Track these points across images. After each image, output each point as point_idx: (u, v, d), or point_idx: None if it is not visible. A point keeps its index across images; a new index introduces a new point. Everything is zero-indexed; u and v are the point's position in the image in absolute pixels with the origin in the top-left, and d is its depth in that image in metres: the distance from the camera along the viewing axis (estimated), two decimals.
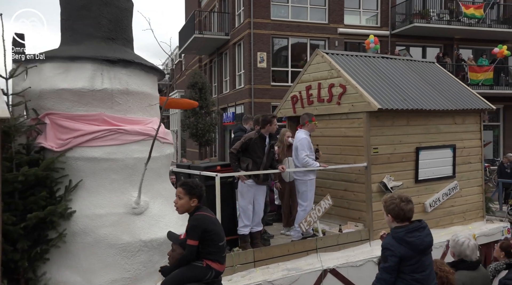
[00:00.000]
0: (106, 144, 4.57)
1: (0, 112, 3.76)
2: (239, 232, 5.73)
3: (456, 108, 7.37)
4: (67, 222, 4.36)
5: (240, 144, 5.61)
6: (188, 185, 3.76)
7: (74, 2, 4.89)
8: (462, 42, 22.14)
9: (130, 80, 4.82)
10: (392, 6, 21.12)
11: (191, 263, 3.63)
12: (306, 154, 6.00)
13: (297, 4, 20.14)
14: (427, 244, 3.53)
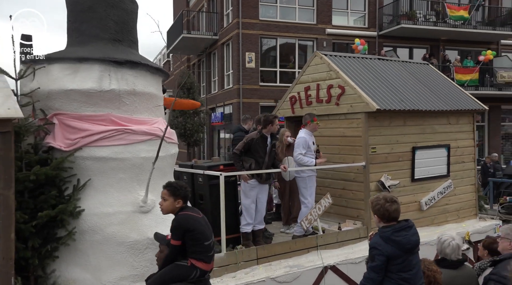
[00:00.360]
0: (114, 143, 4.65)
1: (14, 112, 3.83)
2: (242, 230, 5.84)
3: (450, 109, 7.56)
4: (76, 220, 4.44)
5: (242, 144, 5.72)
6: (173, 186, 3.79)
7: (80, 4, 4.96)
8: (448, 43, 22.45)
9: (136, 81, 4.91)
10: (380, 7, 21.36)
11: (175, 263, 3.65)
12: (300, 152, 6.14)
13: (285, 5, 20.26)
14: (414, 243, 3.57)
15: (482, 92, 20.45)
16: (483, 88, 20.41)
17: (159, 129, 4.98)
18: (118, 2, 5.07)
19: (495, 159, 15.23)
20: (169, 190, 3.75)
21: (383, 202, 3.61)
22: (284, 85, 19.45)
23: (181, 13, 22.96)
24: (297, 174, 6.28)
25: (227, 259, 5.24)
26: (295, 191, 6.72)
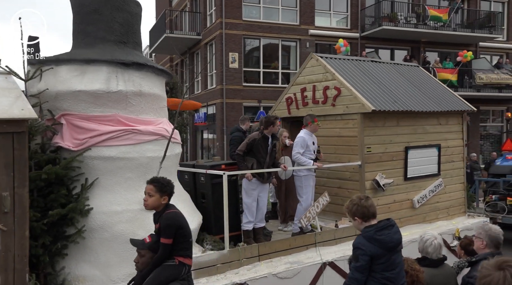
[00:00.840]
0: (122, 143, 4.75)
1: (28, 113, 3.92)
2: (243, 228, 5.98)
3: (440, 110, 7.81)
4: (85, 218, 4.53)
5: (245, 145, 5.86)
6: (160, 182, 3.72)
7: (86, 6, 5.05)
8: (428, 45, 22.85)
9: (142, 82, 5.02)
10: (362, 9, 21.59)
11: (164, 264, 3.61)
12: (298, 151, 6.31)
13: (268, 5, 20.31)
14: (396, 241, 3.59)
15: (461, 93, 20.81)
16: (462, 90, 20.85)
17: (164, 129, 5.11)
18: (123, 4, 5.17)
19: (474, 159, 15.61)
20: (155, 186, 3.69)
21: (358, 200, 3.66)
22: (268, 86, 19.69)
23: (163, 12, 22.83)
24: (294, 173, 6.45)
25: (230, 256, 5.37)
26: (291, 190, 6.89)
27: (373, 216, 3.64)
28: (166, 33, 21.43)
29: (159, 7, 31.07)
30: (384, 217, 6.88)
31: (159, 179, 3.80)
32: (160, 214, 3.70)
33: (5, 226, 3.75)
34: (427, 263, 3.97)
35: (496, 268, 1.69)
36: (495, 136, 24.43)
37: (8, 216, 3.79)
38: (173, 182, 3.85)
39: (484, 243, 3.92)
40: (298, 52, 20.61)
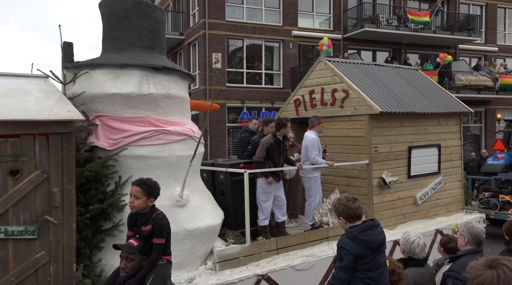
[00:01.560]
0: (153, 143, 5.05)
1: (75, 115, 4.21)
2: (260, 223, 6.30)
3: (441, 111, 8.23)
4: (120, 213, 4.83)
5: (264, 152, 6.11)
6: (147, 184, 3.67)
7: (117, 14, 5.34)
8: (409, 47, 23.22)
9: (171, 85, 5.33)
10: (344, 11, 21.78)
11: (159, 264, 3.57)
12: (316, 154, 6.65)
13: (252, 6, 20.36)
14: (380, 242, 3.62)
15: None
16: None
17: (190, 129, 5.42)
18: (150, 12, 5.47)
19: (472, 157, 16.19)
20: (143, 189, 3.63)
21: (346, 201, 3.67)
22: (251, 86, 19.73)
23: None
24: (303, 175, 6.77)
25: (251, 249, 5.70)
26: (295, 189, 7.24)
27: (359, 217, 3.66)
28: None
29: None
30: (390, 213, 7.34)
31: (146, 181, 3.72)
32: (148, 216, 3.64)
33: (55, 220, 4.04)
34: (414, 263, 4.04)
35: (487, 267, 1.65)
36: (475, 137, 25.10)
37: (58, 211, 4.08)
38: (158, 184, 3.82)
39: (466, 240, 3.99)
40: (281, 53, 20.75)
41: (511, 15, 26.76)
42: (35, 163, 3.97)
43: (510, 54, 26.41)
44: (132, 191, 3.66)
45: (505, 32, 26.65)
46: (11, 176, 3.87)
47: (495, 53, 25.74)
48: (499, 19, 26.19)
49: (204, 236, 5.22)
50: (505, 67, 24.22)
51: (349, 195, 3.80)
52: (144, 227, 3.63)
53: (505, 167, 13.55)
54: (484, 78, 22.29)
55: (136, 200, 3.63)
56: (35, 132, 3.97)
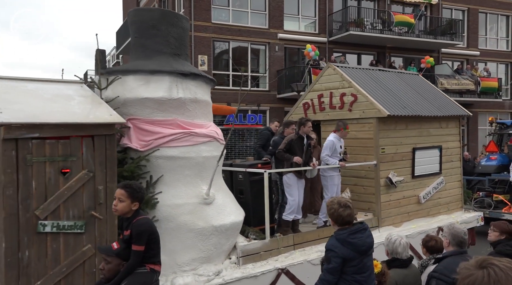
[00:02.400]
0: (182, 144, 5.38)
1: (116, 118, 4.54)
2: (284, 218, 6.64)
3: (442, 115, 8.65)
4: (153, 210, 5.14)
5: (284, 144, 6.54)
6: (132, 188, 3.59)
7: (146, 22, 5.65)
8: (393, 51, 23.60)
9: (197, 90, 5.66)
10: (329, 14, 21.97)
11: (136, 272, 3.54)
12: (327, 154, 7.03)
13: (238, 9, 20.48)
14: (368, 245, 3.66)
15: None
16: None
17: (214, 132, 5.76)
18: (177, 21, 5.80)
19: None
20: (127, 192, 3.56)
21: (337, 207, 3.69)
22: (237, 89, 19.73)
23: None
24: (321, 173, 7.16)
25: (271, 245, 6.04)
26: (317, 187, 7.61)
27: (348, 223, 3.68)
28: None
29: (126, 8, 30.29)
30: (396, 211, 7.75)
31: (131, 184, 3.65)
32: (130, 221, 3.60)
33: (100, 215, 4.35)
34: (397, 264, 4.07)
35: (477, 267, 1.63)
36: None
37: (102, 207, 4.39)
38: (144, 188, 3.82)
39: (448, 241, 4.03)
40: (267, 56, 20.95)
41: (492, 20, 27.44)
42: (82, 163, 4.28)
43: (491, 58, 27.04)
44: (116, 193, 3.59)
45: (487, 37, 27.29)
46: (62, 175, 4.17)
47: (477, 57, 26.33)
48: (481, 23, 26.82)
49: (229, 232, 5.55)
50: (487, 71, 24.89)
51: (343, 200, 3.79)
52: (125, 231, 3.59)
53: (498, 168, 14.02)
54: (466, 82, 22.83)
55: (120, 203, 3.55)
56: (82, 134, 4.28)
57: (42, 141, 4.02)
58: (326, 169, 7.08)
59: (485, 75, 24.36)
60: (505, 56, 27.71)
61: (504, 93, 26.79)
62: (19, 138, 3.88)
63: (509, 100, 27.61)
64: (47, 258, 4.05)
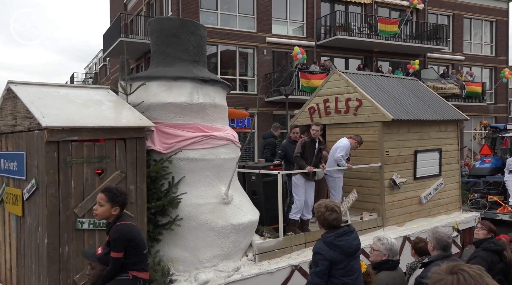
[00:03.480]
0: (202, 147, 5.66)
1: (146, 122, 4.82)
2: (291, 217, 6.94)
3: (442, 119, 9.02)
4: (176, 210, 5.41)
5: (301, 148, 6.83)
6: (112, 192, 3.50)
7: (166, 31, 5.94)
8: (380, 55, 24.03)
9: (216, 95, 5.95)
10: (317, 18, 22.25)
11: (116, 278, 3.45)
12: (342, 154, 7.37)
13: (226, 12, 20.63)
14: (355, 247, 3.68)
15: None
16: None
17: (231, 135, 6.05)
18: (195, 29, 6.09)
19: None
20: (107, 196, 3.47)
21: (324, 210, 3.71)
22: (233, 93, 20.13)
23: (118, 16, 22.20)
24: (329, 174, 7.48)
25: (284, 243, 6.33)
26: (323, 189, 7.92)
27: (334, 227, 3.70)
28: (121, 37, 20.98)
29: (113, 11, 29.77)
30: (399, 211, 8.09)
31: (112, 188, 3.56)
32: (111, 226, 3.53)
33: (131, 214, 4.62)
34: (387, 266, 4.04)
35: (448, 272, 1.66)
36: None
37: (133, 205, 4.66)
38: (126, 193, 3.71)
39: (432, 245, 4.06)
40: (255, 59, 21.02)
41: (476, 25, 28.12)
42: (116, 164, 4.55)
43: (476, 63, 27.68)
44: (97, 198, 3.52)
45: (471, 42, 27.94)
46: (97, 175, 4.44)
47: (461, 61, 26.90)
48: (465, 29, 27.45)
49: (246, 230, 5.84)
50: (471, 75, 25.45)
51: (330, 204, 3.79)
52: (108, 237, 3.54)
53: (492, 170, 14.46)
54: (451, 86, 23.31)
55: (100, 208, 3.47)
56: (115, 137, 4.55)
57: (80, 143, 4.28)
58: (334, 171, 7.39)
59: (469, 80, 24.88)
60: (489, 61, 28.39)
61: (488, 97, 27.39)
62: (60, 140, 4.14)
63: (493, 104, 28.26)
64: None
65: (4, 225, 5.14)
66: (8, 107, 4.89)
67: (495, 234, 5.18)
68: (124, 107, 5.06)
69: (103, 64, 37.06)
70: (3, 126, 5.06)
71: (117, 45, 21.80)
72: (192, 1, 19.71)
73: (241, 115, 8.77)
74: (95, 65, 45.71)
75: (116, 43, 21.73)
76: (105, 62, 35.95)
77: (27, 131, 4.44)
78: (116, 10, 28.30)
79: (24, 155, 4.45)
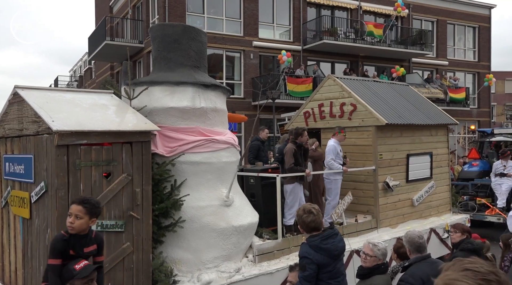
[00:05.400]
0: (204, 150, 5.78)
1: (151, 126, 4.94)
2: (286, 223, 7.08)
3: (432, 123, 9.27)
4: (178, 212, 5.52)
5: (292, 158, 6.95)
6: (90, 203, 3.40)
7: (168, 37, 6.06)
8: (366, 60, 24.46)
9: (217, 100, 6.09)
10: (304, 23, 22.56)
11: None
12: (332, 158, 7.53)
13: (212, 16, 20.79)
14: (341, 249, 3.73)
15: None
16: None
17: (232, 138, 6.19)
18: (196, 35, 6.22)
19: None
20: (86, 208, 3.34)
21: (301, 213, 3.77)
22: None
23: (103, 19, 22.36)
24: (326, 177, 7.65)
25: (283, 244, 6.48)
26: (317, 190, 8.09)
27: (314, 229, 3.74)
28: (107, 40, 21.06)
29: (99, 14, 29.89)
30: (392, 213, 8.29)
31: (90, 199, 3.47)
32: (88, 237, 3.47)
33: (137, 215, 4.73)
34: (379, 271, 4.02)
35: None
36: None
37: (138, 208, 4.77)
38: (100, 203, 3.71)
39: (408, 249, 4.11)
40: (242, 63, 21.15)
41: (460, 31, 28.79)
42: (122, 167, 4.66)
43: (459, 68, 28.32)
44: (72, 210, 3.35)
45: (455, 47, 28.59)
46: (105, 178, 4.54)
47: (445, 66, 27.47)
48: (449, 34, 28.08)
49: (246, 232, 5.97)
50: (455, 80, 25.94)
51: (308, 207, 3.83)
52: (86, 248, 3.43)
53: (479, 173, 14.78)
54: (435, 91, 23.80)
55: (77, 220, 3.32)
56: (122, 141, 4.66)
57: (89, 147, 4.39)
58: (330, 173, 7.57)
59: (453, 84, 25.36)
60: (472, 66, 29.04)
61: (471, 102, 27.96)
62: (70, 144, 4.24)
63: (477, 109, 28.83)
64: None
65: (9, 227, 5.21)
66: (14, 111, 4.97)
67: (469, 233, 5.30)
68: (128, 111, 5.17)
69: (88, 67, 36.83)
70: (8, 130, 5.14)
71: (102, 48, 21.73)
72: (178, 5, 19.67)
73: (240, 119, 8.91)
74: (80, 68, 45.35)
75: (101, 46, 21.65)
76: (90, 65, 35.71)
77: (35, 135, 4.53)
78: (101, 13, 28.16)
79: (32, 158, 4.53)
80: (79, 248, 3.38)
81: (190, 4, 20.28)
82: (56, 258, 3.30)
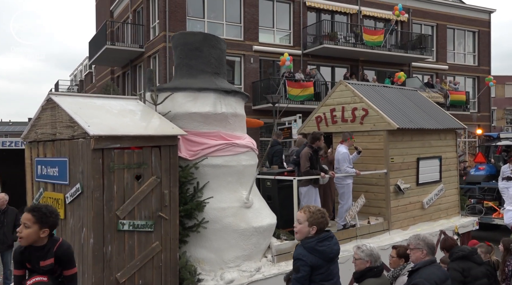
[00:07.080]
0: (225, 154, 6.01)
1: (178, 130, 5.16)
2: None
3: (442, 128, 9.48)
4: (201, 213, 5.74)
5: (308, 162, 7.19)
6: (41, 212, 3.08)
7: (190, 45, 6.30)
8: (366, 64, 24.61)
9: (237, 105, 6.33)
10: (304, 27, 22.73)
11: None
12: (348, 166, 7.76)
13: (213, 20, 20.92)
14: (336, 252, 3.73)
15: None
16: None
17: (251, 142, 6.42)
18: (216, 43, 6.46)
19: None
20: (34, 216, 3.04)
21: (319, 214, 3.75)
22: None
23: (104, 23, 22.52)
24: (338, 182, 7.88)
25: None
26: (328, 194, 8.31)
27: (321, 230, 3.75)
28: (107, 44, 21.21)
29: (99, 18, 30.16)
30: (403, 215, 8.51)
31: (41, 207, 3.14)
32: (46, 249, 3.14)
33: (166, 216, 4.96)
34: (372, 274, 4.05)
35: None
36: None
37: (166, 209, 5.00)
38: (57, 212, 3.32)
39: (424, 252, 4.12)
40: (242, 67, 21.27)
41: (459, 36, 28.99)
42: (152, 170, 4.89)
43: (459, 72, 28.48)
44: (22, 218, 3.09)
45: (454, 51, 28.77)
46: (136, 180, 4.77)
47: (445, 71, 27.65)
48: (449, 39, 28.27)
49: (266, 233, 6.19)
50: (455, 84, 26.12)
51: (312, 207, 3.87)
52: (43, 261, 3.12)
53: (486, 177, 14.97)
54: (436, 95, 23.90)
55: (25, 230, 3.05)
56: (152, 145, 4.90)
57: (121, 150, 4.62)
58: (342, 178, 7.78)
59: (454, 88, 25.50)
60: (472, 71, 29.21)
61: (471, 106, 28.14)
62: (104, 148, 4.47)
63: (477, 113, 28.99)
64: (124, 253, 4.64)
65: None
66: (48, 116, 5.22)
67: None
68: (154, 116, 5.41)
69: (89, 71, 37.04)
70: (41, 134, 5.38)
71: (103, 52, 21.89)
72: (179, 9, 19.82)
73: (256, 124, 9.14)
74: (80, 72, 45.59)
75: (102, 51, 21.83)
76: (90, 69, 35.89)
77: (70, 139, 4.77)
78: (102, 18, 28.40)
79: (67, 161, 4.77)
80: (35, 261, 3.14)
81: (190, 8, 20.42)
82: (16, 268, 3.21)
